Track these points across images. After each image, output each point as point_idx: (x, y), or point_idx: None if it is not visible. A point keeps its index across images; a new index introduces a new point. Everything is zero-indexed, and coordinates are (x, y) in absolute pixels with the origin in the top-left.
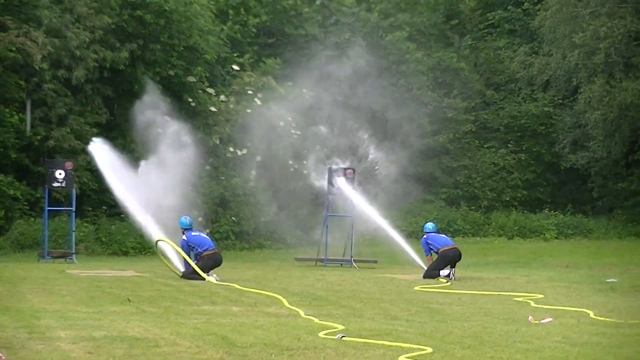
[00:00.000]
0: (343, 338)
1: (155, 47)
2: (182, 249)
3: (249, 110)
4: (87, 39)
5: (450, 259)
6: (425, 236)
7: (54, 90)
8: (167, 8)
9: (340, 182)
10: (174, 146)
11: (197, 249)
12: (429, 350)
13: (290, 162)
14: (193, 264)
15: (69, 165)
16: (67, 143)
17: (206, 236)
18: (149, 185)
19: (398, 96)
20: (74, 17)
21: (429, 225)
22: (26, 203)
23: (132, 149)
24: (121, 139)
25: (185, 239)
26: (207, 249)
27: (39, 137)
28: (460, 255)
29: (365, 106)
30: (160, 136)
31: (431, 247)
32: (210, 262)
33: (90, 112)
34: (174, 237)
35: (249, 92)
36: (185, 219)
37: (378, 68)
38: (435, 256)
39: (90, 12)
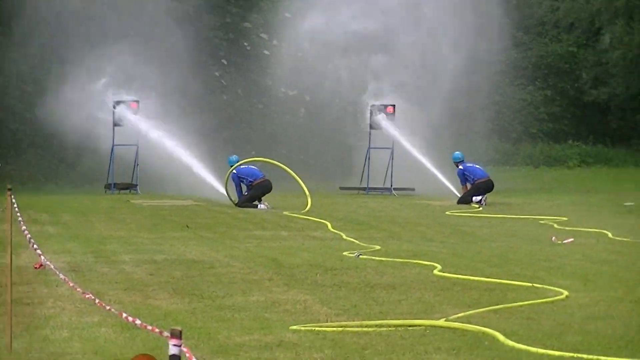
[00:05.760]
0: (360, 256)
1: None
2: (233, 181)
3: (300, 54)
4: None
5: (484, 189)
6: (461, 167)
7: None
8: None
9: (380, 118)
10: None
11: (247, 179)
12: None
13: (337, 100)
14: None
15: (134, 105)
16: None
17: (254, 167)
18: None
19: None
20: None
21: (459, 154)
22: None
23: None
24: None
25: (235, 172)
26: (256, 177)
27: None
28: (493, 186)
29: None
30: None
31: (467, 178)
32: (261, 190)
33: None
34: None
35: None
36: (233, 157)
37: None
38: (469, 186)
39: None
